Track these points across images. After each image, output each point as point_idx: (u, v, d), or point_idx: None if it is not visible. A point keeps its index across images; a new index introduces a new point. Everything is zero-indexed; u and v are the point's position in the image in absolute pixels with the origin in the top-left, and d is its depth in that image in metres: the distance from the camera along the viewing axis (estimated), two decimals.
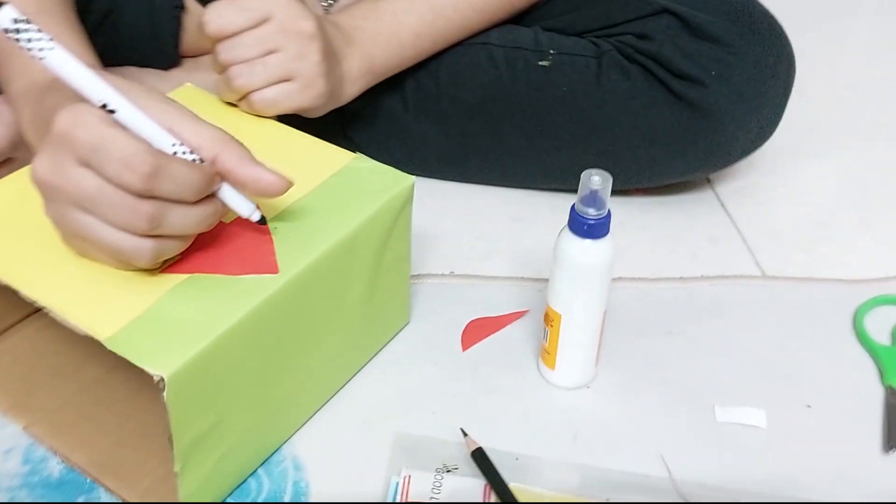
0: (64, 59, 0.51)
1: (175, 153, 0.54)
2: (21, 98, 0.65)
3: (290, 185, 0.58)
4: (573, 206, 0.65)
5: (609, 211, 0.64)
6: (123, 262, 0.56)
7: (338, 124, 0.89)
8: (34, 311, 0.71)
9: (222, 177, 0.56)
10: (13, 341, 0.69)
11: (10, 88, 0.67)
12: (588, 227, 0.64)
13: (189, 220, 0.55)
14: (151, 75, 0.93)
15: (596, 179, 0.63)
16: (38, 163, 0.53)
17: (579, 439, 0.67)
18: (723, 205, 0.94)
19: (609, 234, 0.65)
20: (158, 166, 0.51)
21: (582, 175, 0.63)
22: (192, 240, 0.58)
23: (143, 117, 0.53)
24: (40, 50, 0.51)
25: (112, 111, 0.53)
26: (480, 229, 0.88)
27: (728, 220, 0.92)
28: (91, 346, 0.68)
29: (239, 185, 0.57)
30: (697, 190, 0.95)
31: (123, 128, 0.52)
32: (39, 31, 0.50)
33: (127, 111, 0.53)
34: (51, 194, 0.54)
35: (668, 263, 0.85)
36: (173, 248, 0.56)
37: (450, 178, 0.94)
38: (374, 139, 0.91)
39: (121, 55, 0.92)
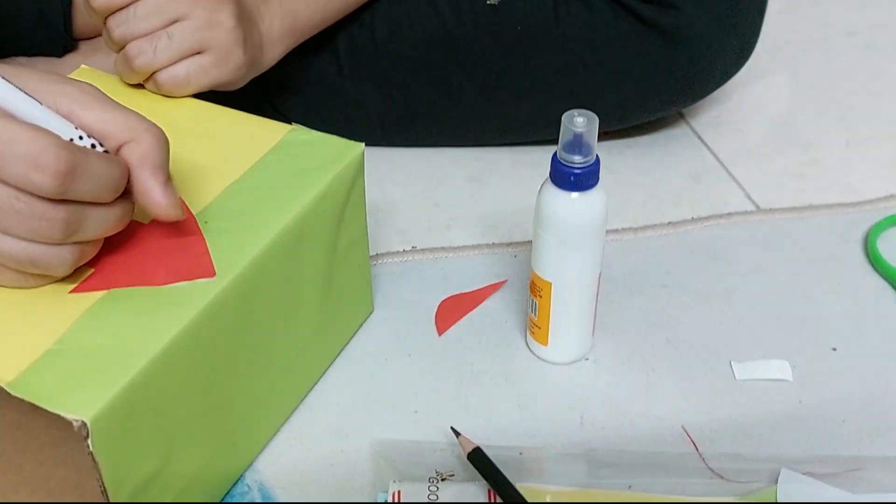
0: None
1: (79, 140, 0.45)
2: None
3: (178, 217, 0.48)
4: (554, 156, 0.56)
5: (598, 157, 0.55)
6: (36, 276, 0.47)
7: (262, 95, 0.79)
8: None
9: None
10: None
11: None
12: (575, 177, 0.55)
13: (108, 222, 0.47)
14: (43, 63, 0.82)
15: (580, 121, 0.54)
16: None
17: (587, 420, 0.59)
18: (700, 137, 0.85)
19: (599, 184, 0.56)
20: (75, 163, 0.42)
21: (563, 118, 0.54)
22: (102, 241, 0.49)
23: (34, 105, 0.44)
24: None
25: None
26: (436, 196, 0.79)
27: (709, 153, 0.83)
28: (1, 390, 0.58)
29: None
30: (669, 126, 0.87)
31: (18, 120, 0.43)
32: None
33: (14, 100, 0.43)
34: None
35: (650, 209, 0.77)
36: (91, 251, 0.48)
37: (395, 144, 0.84)
38: (306, 108, 0.81)
39: (6, 46, 0.81)
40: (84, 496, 0.52)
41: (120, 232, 0.49)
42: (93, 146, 0.46)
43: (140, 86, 0.65)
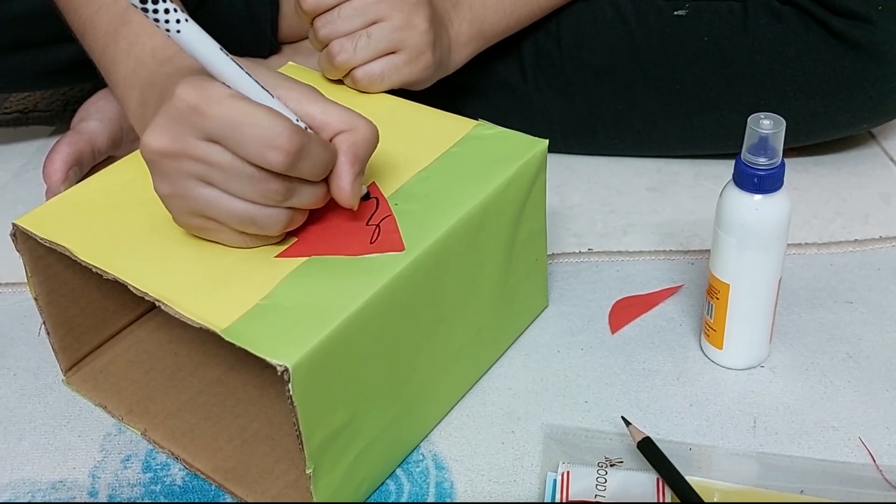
0: (198, 33, 0.48)
1: None
2: (127, 81, 0.61)
3: (352, 206, 0.53)
4: (738, 158, 0.56)
5: (783, 161, 0.55)
6: (247, 235, 0.52)
7: (446, 97, 0.82)
8: (144, 313, 0.67)
9: None
10: (125, 345, 0.65)
11: (114, 71, 0.62)
12: (759, 178, 0.55)
13: (315, 195, 0.52)
14: (249, 63, 0.88)
15: (766, 123, 0.54)
16: (154, 135, 0.49)
17: (760, 425, 0.58)
18: (891, 158, 0.83)
19: (784, 188, 0.56)
20: (302, 145, 0.48)
21: (749, 120, 0.55)
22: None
23: (266, 94, 0.50)
24: (177, 21, 0.47)
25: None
26: (614, 203, 0.80)
27: None
28: (208, 347, 0.64)
29: None
30: (859, 145, 0.85)
31: (257, 103, 0.49)
32: (174, 4, 0.47)
33: (255, 89, 0.49)
34: (166, 168, 0.50)
35: (835, 227, 0.75)
36: (300, 219, 0.53)
37: (575, 151, 0.86)
38: (489, 112, 0.83)
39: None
40: (274, 448, 0.57)
41: (323, 207, 0.53)
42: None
43: (339, 81, 0.70)
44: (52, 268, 0.59)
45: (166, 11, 0.46)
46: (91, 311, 0.63)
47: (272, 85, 0.51)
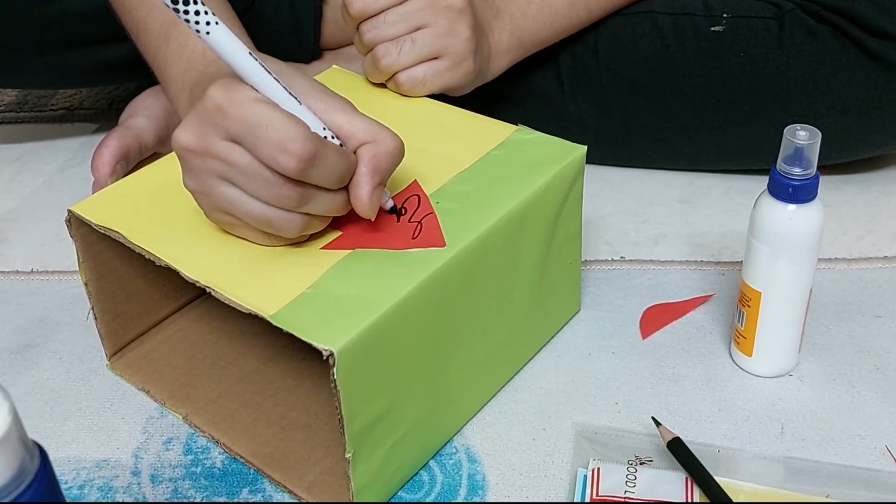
0: (226, 36, 0.49)
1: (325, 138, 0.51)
2: (179, 82, 0.63)
3: (369, 216, 0.54)
4: (773, 168, 0.57)
5: (817, 172, 0.57)
6: (269, 234, 0.54)
7: (484, 104, 0.84)
8: (188, 302, 0.69)
9: None
10: (169, 332, 0.67)
11: (166, 72, 0.65)
12: (793, 188, 0.57)
13: (333, 204, 0.53)
14: (289, 68, 0.90)
15: (802, 134, 0.56)
16: (182, 132, 0.51)
17: (787, 431, 0.59)
18: None
19: (817, 199, 0.57)
20: (315, 152, 0.49)
21: (785, 131, 0.56)
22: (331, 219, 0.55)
23: (293, 101, 0.51)
24: (207, 24, 0.48)
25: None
26: (646, 214, 0.81)
27: None
28: (248, 338, 0.66)
29: None
30: (890, 165, 0.85)
31: (278, 108, 0.50)
32: (205, 7, 0.48)
33: (282, 94, 0.51)
34: (193, 164, 0.52)
35: (865, 244, 0.76)
36: (318, 225, 0.54)
37: (610, 162, 0.87)
38: (525, 121, 0.84)
39: (262, 48, 0.90)
40: (311, 436, 0.58)
41: None
42: (335, 142, 0.52)
43: (382, 85, 0.71)
44: (102, 255, 0.61)
45: (196, 13, 0.48)
46: (137, 299, 0.65)
47: (304, 92, 0.52)
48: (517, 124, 0.66)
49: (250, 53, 0.50)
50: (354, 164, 0.52)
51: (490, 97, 0.82)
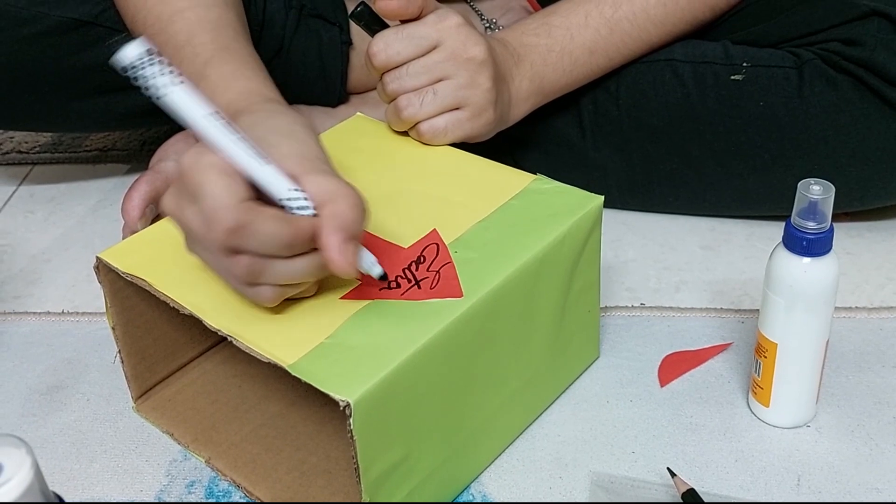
0: (184, 97, 0.49)
1: (289, 199, 0.51)
2: None
3: (349, 275, 0.51)
4: (788, 222, 0.58)
5: (832, 225, 0.57)
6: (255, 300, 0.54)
7: (506, 149, 0.85)
8: (211, 346, 0.70)
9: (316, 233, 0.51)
10: (193, 376, 0.68)
11: None
12: (808, 242, 0.57)
13: (295, 271, 0.52)
14: (319, 112, 0.93)
15: (816, 189, 0.56)
16: (166, 195, 0.53)
17: (804, 483, 0.59)
18: None
19: (832, 251, 0.58)
20: (240, 223, 0.49)
21: (799, 185, 0.57)
22: (318, 284, 0.55)
23: (257, 164, 0.50)
24: (164, 86, 0.48)
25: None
26: (667, 260, 0.82)
27: None
28: (270, 382, 0.67)
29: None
30: None
31: (233, 173, 0.50)
32: (168, 67, 0.48)
33: (242, 157, 0.50)
34: (178, 227, 0.54)
35: (887, 292, 0.76)
36: (292, 291, 0.54)
37: (631, 208, 0.88)
38: (546, 166, 0.86)
39: (289, 93, 0.92)
40: (331, 482, 0.59)
41: (383, 254, 0.56)
42: (303, 205, 0.51)
43: (405, 133, 0.73)
44: (129, 300, 0.62)
45: (153, 76, 0.48)
46: (163, 343, 0.66)
47: (279, 150, 0.52)
48: (536, 172, 0.67)
49: (211, 114, 0.50)
50: (304, 228, 0.50)
51: (512, 142, 0.84)
